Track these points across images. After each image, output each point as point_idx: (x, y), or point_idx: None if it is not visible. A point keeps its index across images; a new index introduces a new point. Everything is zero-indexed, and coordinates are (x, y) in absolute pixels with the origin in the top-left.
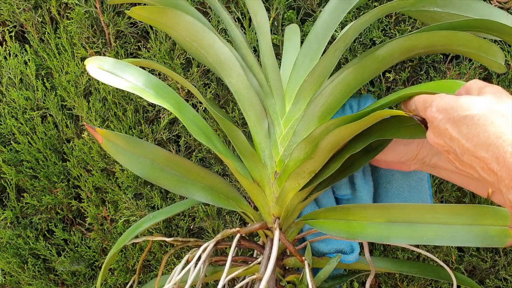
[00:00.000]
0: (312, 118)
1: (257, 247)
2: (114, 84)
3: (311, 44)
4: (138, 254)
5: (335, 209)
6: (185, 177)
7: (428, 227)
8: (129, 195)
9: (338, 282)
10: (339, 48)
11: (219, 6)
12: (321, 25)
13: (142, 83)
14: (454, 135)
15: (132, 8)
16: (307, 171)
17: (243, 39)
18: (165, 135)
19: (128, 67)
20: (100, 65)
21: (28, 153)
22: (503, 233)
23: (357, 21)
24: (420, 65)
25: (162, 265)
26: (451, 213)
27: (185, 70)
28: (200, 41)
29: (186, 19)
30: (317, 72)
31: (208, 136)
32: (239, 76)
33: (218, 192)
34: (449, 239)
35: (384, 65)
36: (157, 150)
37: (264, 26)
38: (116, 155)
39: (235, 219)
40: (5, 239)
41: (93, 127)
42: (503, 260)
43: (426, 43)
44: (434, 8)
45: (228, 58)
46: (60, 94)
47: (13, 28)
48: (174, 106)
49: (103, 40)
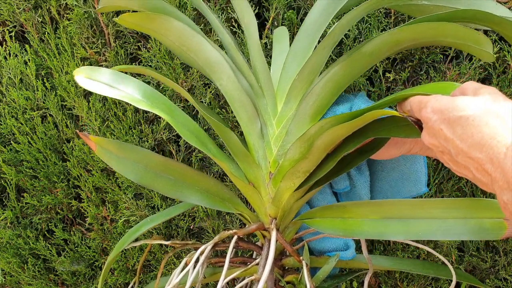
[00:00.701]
0: (304, 117)
1: (255, 248)
2: (104, 94)
3: (301, 43)
4: (138, 254)
5: (331, 208)
6: (179, 180)
7: (422, 222)
8: (129, 195)
9: (337, 282)
10: (327, 46)
11: (206, 10)
12: (311, 24)
13: (137, 93)
14: (449, 136)
15: (121, 15)
16: (301, 171)
17: (232, 41)
18: (165, 135)
19: (120, 76)
20: (89, 75)
21: (28, 153)
22: (498, 225)
23: (343, 19)
24: (420, 65)
25: (161, 267)
26: (445, 207)
27: (185, 70)
28: (189, 45)
29: (175, 24)
30: (306, 71)
31: (201, 140)
32: (229, 78)
33: (213, 195)
34: (444, 233)
35: (372, 60)
36: (150, 155)
37: (251, 27)
38: (110, 162)
39: (235, 219)
40: (5, 239)
41: (87, 135)
42: (503, 260)
43: (413, 36)
44: (422, 1)
45: (217, 61)
46: (60, 94)
47: (13, 28)
48: (166, 112)
49: (103, 40)
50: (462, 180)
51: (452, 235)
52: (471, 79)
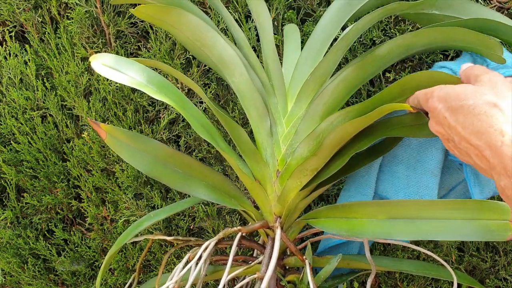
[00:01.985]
0: (314, 117)
1: (257, 247)
2: (117, 80)
3: (314, 44)
4: (138, 254)
5: (336, 207)
6: (187, 174)
7: (428, 223)
8: (129, 195)
9: (338, 282)
10: (341, 48)
11: (221, 6)
12: (324, 26)
13: (145, 80)
14: (452, 124)
15: (137, 7)
16: (310, 169)
17: (245, 38)
18: (165, 135)
19: (131, 64)
20: (104, 61)
21: (28, 153)
22: (503, 227)
23: (359, 22)
24: (420, 65)
25: (163, 263)
26: (451, 208)
27: (185, 70)
28: (204, 40)
29: (190, 19)
30: (319, 72)
31: (211, 134)
32: (242, 75)
33: (220, 190)
34: (450, 234)
35: (384, 63)
36: (160, 146)
37: (266, 26)
38: (119, 151)
39: (235, 219)
40: (5, 239)
41: (97, 123)
42: (503, 260)
43: (426, 40)
44: (433, 10)
45: (231, 58)
46: (60, 94)
47: (13, 28)
48: (177, 103)
49: (103, 40)
50: None
51: (458, 236)
52: None
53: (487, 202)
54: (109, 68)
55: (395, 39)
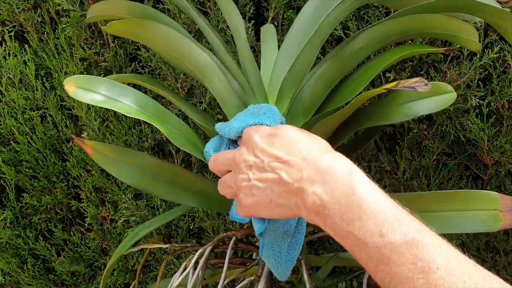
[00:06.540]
0: (297, 115)
1: (254, 249)
2: (93, 102)
3: (291, 43)
4: (137, 255)
5: None
6: (176, 183)
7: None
8: (128, 195)
9: (337, 281)
10: (315, 43)
11: (194, 14)
12: (301, 23)
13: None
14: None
15: (109, 24)
16: None
17: (220, 43)
18: (165, 136)
19: (103, 82)
20: (78, 83)
21: (28, 153)
22: (493, 217)
23: (330, 15)
24: (421, 65)
25: (160, 269)
26: (440, 200)
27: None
28: (179, 50)
29: (164, 30)
30: (296, 69)
31: (193, 143)
32: (220, 81)
33: (210, 197)
34: (440, 226)
35: (361, 55)
36: (146, 158)
37: (239, 28)
38: (106, 166)
39: None
40: (4, 239)
41: (82, 140)
42: (503, 260)
43: (399, 29)
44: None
45: (208, 64)
46: (60, 94)
47: (12, 28)
48: (156, 118)
49: (102, 41)
50: (462, 180)
51: (448, 228)
52: (472, 79)
53: (476, 192)
54: (82, 90)
55: (370, 29)
